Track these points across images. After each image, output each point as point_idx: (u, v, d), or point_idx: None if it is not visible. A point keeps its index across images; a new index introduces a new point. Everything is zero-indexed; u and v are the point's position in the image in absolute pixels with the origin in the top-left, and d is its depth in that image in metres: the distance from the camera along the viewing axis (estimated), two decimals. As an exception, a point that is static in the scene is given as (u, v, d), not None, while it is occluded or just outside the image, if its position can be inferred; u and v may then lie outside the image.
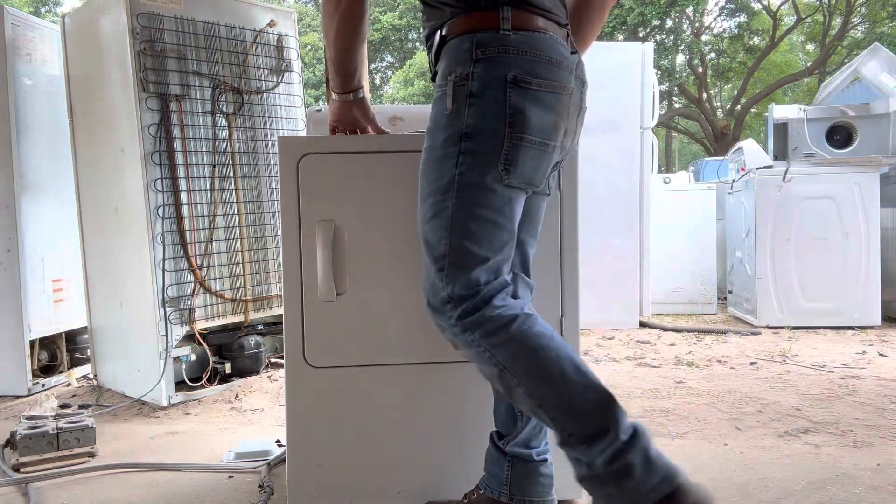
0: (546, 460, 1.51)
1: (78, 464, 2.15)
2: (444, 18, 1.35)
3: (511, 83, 1.26)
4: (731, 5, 17.94)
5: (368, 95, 1.59)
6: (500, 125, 1.26)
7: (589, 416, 1.20)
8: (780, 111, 4.51)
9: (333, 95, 1.58)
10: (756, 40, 18.73)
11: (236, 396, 2.92)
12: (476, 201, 1.28)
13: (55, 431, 2.17)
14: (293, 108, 3.21)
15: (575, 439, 1.21)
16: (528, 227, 1.50)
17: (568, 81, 1.33)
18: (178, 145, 2.80)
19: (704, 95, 18.25)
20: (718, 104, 21.58)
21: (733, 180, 4.87)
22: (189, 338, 2.89)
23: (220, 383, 2.99)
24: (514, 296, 1.39)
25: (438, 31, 1.37)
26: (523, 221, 1.48)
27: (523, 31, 1.29)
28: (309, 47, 19.04)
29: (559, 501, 1.75)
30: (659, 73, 16.51)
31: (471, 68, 1.28)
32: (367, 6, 1.45)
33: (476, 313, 1.27)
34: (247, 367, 3.10)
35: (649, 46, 4.54)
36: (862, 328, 4.23)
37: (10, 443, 2.24)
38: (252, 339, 3.12)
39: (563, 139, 1.37)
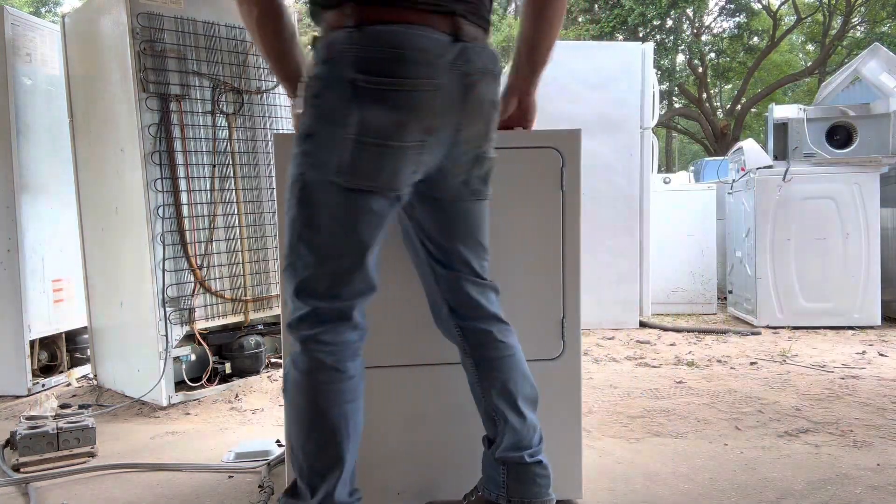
0: (540, 461, 1.50)
1: (78, 464, 2.15)
2: (316, 22, 1.34)
3: (350, 83, 1.22)
4: (731, 5, 17.94)
5: None
6: (335, 127, 1.23)
7: (313, 484, 1.32)
8: (780, 111, 4.51)
9: (291, 102, 1.55)
10: (756, 40, 18.73)
11: (236, 396, 2.92)
12: (311, 204, 1.26)
13: (55, 431, 2.17)
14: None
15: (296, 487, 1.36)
16: (456, 233, 1.44)
17: (428, 75, 1.25)
18: (178, 145, 2.80)
19: (704, 95, 18.25)
20: (718, 104, 21.58)
21: (733, 180, 4.87)
22: (189, 338, 2.88)
23: (220, 383, 2.99)
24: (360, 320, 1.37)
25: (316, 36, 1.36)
26: (451, 227, 1.43)
27: (370, 27, 1.23)
28: (309, 47, 19.02)
29: (559, 501, 1.75)
30: (659, 73, 16.51)
31: (317, 70, 1.26)
32: (280, 8, 1.38)
33: (305, 331, 1.30)
34: (247, 367, 3.10)
35: (649, 46, 4.54)
36: (862, 328, 4.23)
37: (10, 443, 2.24)
38: (252, 339, 3.12)
39: (429, 137, 1.28)
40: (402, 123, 1.24)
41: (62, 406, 2.49)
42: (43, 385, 3.18)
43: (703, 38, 18.38)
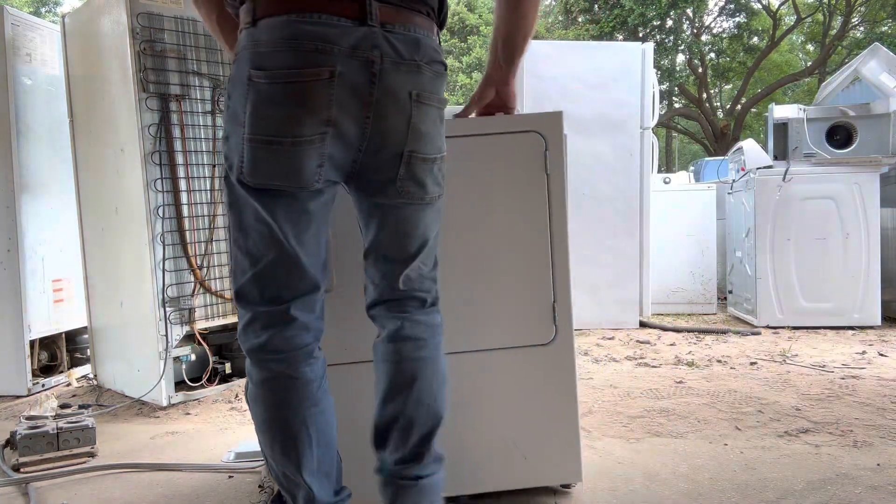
0: (384, 478, 1.38)
1: (78, 464, 2.15)
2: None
3: (248, 80, 1.18)
4: (731, 5, 17.94)
5: None
6: (238, 126, 1.21)
7: (292, 491, 1.33)
8: (780, 111, 4.51)
9: None
10: (756, 40, 18.73)
11: (236, 396, 2.92)
12: (236, 207, 1.26)
13: (55, 431, 2.17)
14: (293, 108, 3.20)
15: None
16: (379, 236, 1.35)
17: (321, 63, 1.16)
18: (178, 145, 2.80)
19: (704, 95, 18.25)
20: (718, 104, 21.58)
21: (733, 180, 4.87)
22: (189, 338, 2.89)
23: (220, 383, 2.99)
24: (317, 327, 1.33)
25: None
26: (375, 230, 1.34)
27: (265, 20, 1.19)
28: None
29: (561, 486, 1.76)
30: (659, 73, 16.51)
31: (231, 71, 1.26)
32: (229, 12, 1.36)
33: (252, 340, 1.29)
34: (247, 367, 3.10)
35: (649, 46, 4.54)
36: (862, 328, 4.23)
37: (10, 443, 2.24)
38: (252, 339, 3.12)
39: (331, 129, 1.19)
40: (295, 117, 1.17)
41: (62, 406, 2.49)
42: (43, 385, 3.18)
43: (703, 38, 18.39)
